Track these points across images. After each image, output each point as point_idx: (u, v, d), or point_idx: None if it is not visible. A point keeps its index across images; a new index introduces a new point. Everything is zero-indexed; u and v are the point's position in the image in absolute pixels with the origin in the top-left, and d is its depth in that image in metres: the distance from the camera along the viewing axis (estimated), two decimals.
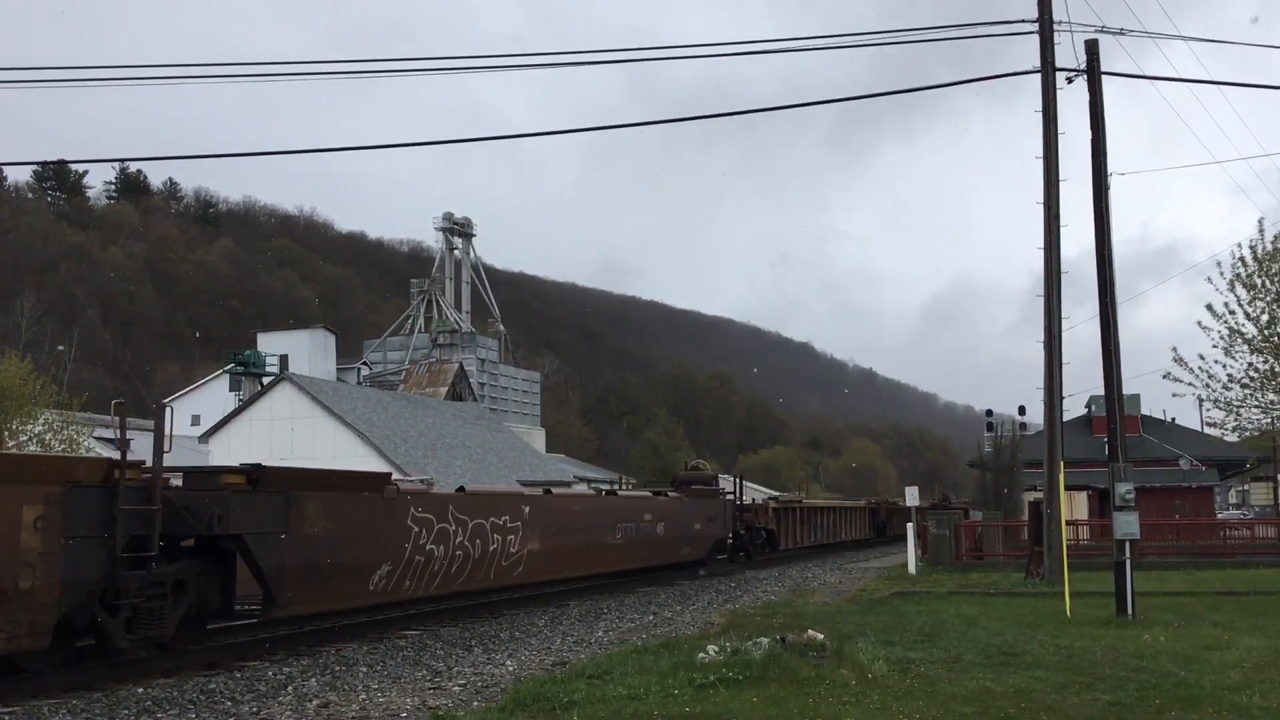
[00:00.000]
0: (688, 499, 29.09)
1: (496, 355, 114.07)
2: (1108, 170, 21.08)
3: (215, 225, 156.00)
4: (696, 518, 28.80)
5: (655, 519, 25.76)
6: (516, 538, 19.46)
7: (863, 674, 11.12)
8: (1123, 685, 10.85)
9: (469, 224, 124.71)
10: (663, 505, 26.94)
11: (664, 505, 27.01)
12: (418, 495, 16.93)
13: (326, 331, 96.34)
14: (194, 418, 79.06)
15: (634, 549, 24.84)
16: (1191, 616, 17.29)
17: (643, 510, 25.38)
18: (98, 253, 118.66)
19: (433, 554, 16.94)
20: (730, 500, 32.13)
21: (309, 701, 10.98)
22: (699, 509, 29.19)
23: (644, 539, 25.17)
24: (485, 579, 18.77)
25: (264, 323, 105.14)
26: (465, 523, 17.88)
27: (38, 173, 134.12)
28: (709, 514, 29.71)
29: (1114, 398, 20.17)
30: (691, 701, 9.95)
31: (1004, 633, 15.17)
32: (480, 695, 11.19)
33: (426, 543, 16.76)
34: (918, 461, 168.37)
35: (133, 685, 11.96)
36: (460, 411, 71.55)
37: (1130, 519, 17.30)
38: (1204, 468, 44.54)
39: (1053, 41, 23.70)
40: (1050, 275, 24.16)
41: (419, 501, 16.75)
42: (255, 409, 55.49)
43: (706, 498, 30.49)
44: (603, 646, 15.01)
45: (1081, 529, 35.01)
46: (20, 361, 37.20)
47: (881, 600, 21.28)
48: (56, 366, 42.80)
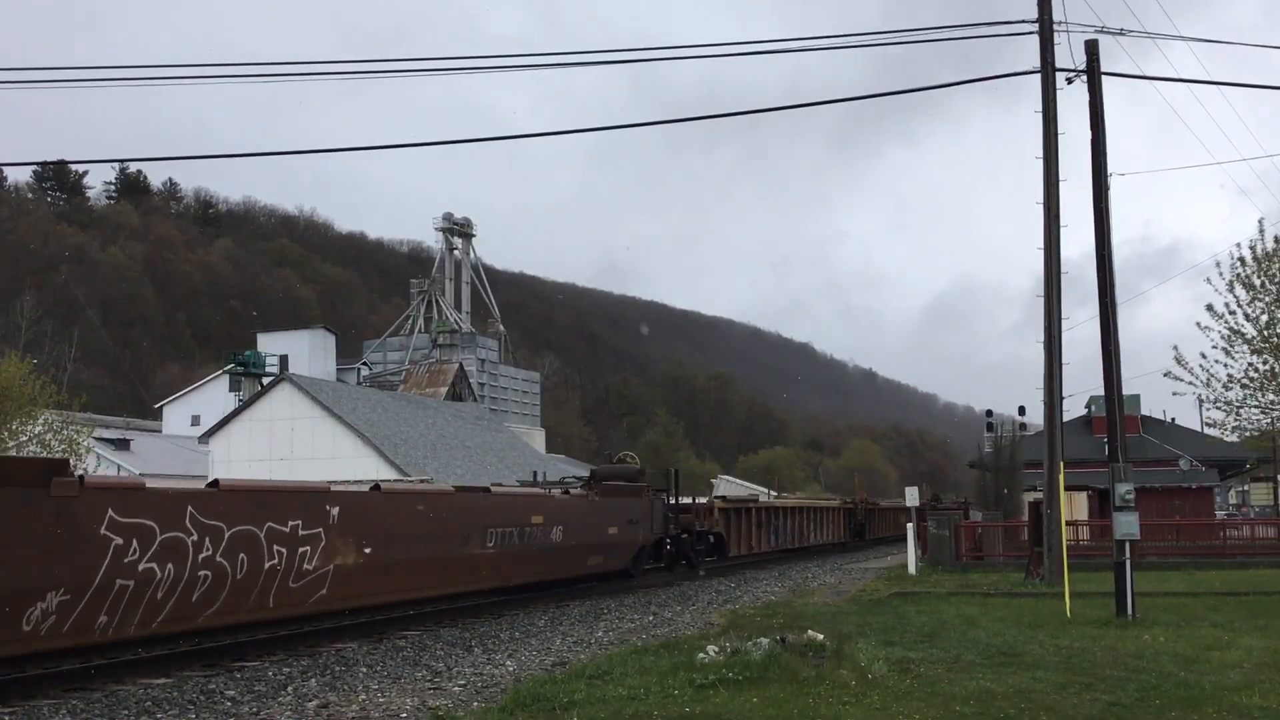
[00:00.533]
0: (597, 497, 23.74)
1: (496, 355, 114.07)
2: (1108, 171, 21.07)
3: (215, 225, 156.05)
4: (612, 520, 24.12)
5: (549, 522, 21.13)
6: (315, 549, 15.11)
7: (863, 674, 11.11)
8: (1123, 686, 10.85)
9: (469, 224, 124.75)
10: (560, 506, 22.08)
11: (562, 506, 22.15)
12: (121, 492, 12.54)
13: (326, 332, 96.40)
14: (194, 418, 79.26)
15: (516, 560, 20.19)
16: (1191, 617, 17.28)
17: (528, 511, 20.62)
18: (97, 253, 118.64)
19: (152, 576, 12.57)
20: (660, 499, 27.71)
21: (309, 701, 10.98)
22: (615, 510, 24.38)
23: (531, 548, 20.52)
24: (259, 607, 14.37)
25: (264, 323, 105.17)
26: (219, 530, 13.56)
27: (37, 173, 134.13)
28: (630, 515, 25.10)
29: (1114, 398, 20.16)
30: (691, 702, 9.95)
31: (1004, 633, 15.17)
32: (480, 695, 11.19)
33: (140, 560, 12.39)
34: (918, 462, 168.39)
35: (132, 685, 11.96)
36: (460, 412, 71.58)
37: (1130, 519, 17.30)
38: (1204, 468, 44.59)
39: (1052, 42, 23.71)
40: (1050, 276, 24.17)
41: (123, 501, 12.33)
42: (255, 409, 55.51)
43: (626, 496, 25.23)
44: (603, 647, 15.01)
45: (1081, 529, 35.01)
46: (20, 362, 37.17)
47: (881, 600, 21.27)
48: (56, 367, 42.79)
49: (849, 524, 46.51)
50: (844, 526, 45.43)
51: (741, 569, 32.13)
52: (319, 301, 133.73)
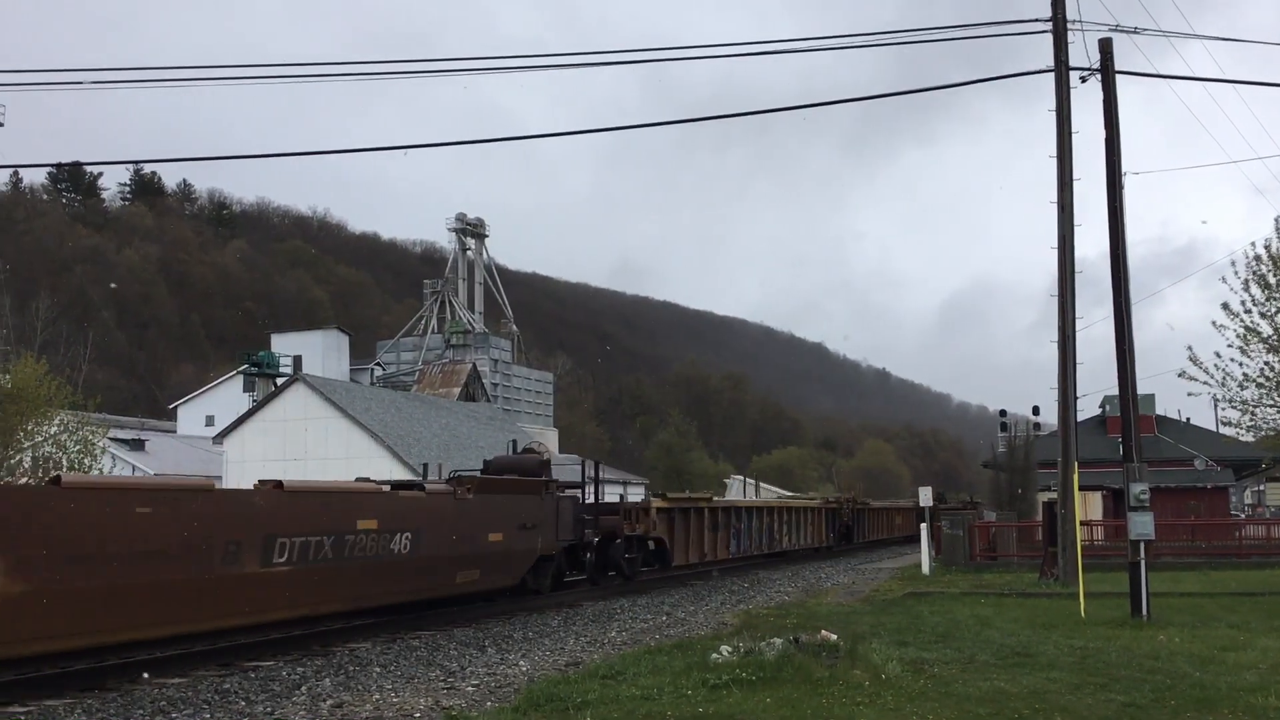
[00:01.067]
0: (469, 495, 18.37)
1: (509, 356, 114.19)
2: (1122, 169, 21.01)
3: (229, 227, 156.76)
4: (494, 524, 18.94)
5: (389, 528, 16.00)
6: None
7: (876, 675, 11.10)
8: (1138, 686, 10.81)
9: (481, 225, 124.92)
10: (405, 507, 16.73)
11: (408, 507, 16.80)
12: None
13: (340, 332, 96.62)
14: (208, 418, 79.57)
15: (329, 581, 15.04)
16: (1207, 617, 17.22)
17: (350, 515, 15.43)
18: (112, 254, 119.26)
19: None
20: (571, 498, 22.83)
21: (323, 701, 11.00)
22: (499, 511, 19.23)
23: (355, 563, 15.36)
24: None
25: (277, 324, 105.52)
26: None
27: (53, 174, 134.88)
28: (523, 518, 19.97)
29: (1128, 397, 20.08)
30: (705, 702, 9.94)
31: (1018, 633, 15.13)
32: (494, 695, 11.21)
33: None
34: (931, 462, 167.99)
35: (148, 685, 12.01)
36: (473, 412, 71.70)
37: (1145, 519, 17.24)
38: (1219, 468, 44.38)
39: (1066, 40, 23.67)
40: (1064, 275, 24.11)
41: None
42: (269, 410, 55.67)
43: (516, 493, 20.19)
44: (616, 647, 15.01)
45: (1096, 529, 34.88)
46: (35, 363, 37.37)
47: (895, 601, 21.24)
48: (71, 368, 43.05)
49: (832, 526, 41.48)
50: (826, 529, 40.41)
51: (754, 569, 32.07)
52: (332, 302, 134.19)
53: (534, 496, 20.75)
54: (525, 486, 20.78)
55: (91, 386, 57.66)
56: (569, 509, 22.22)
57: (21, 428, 35.94)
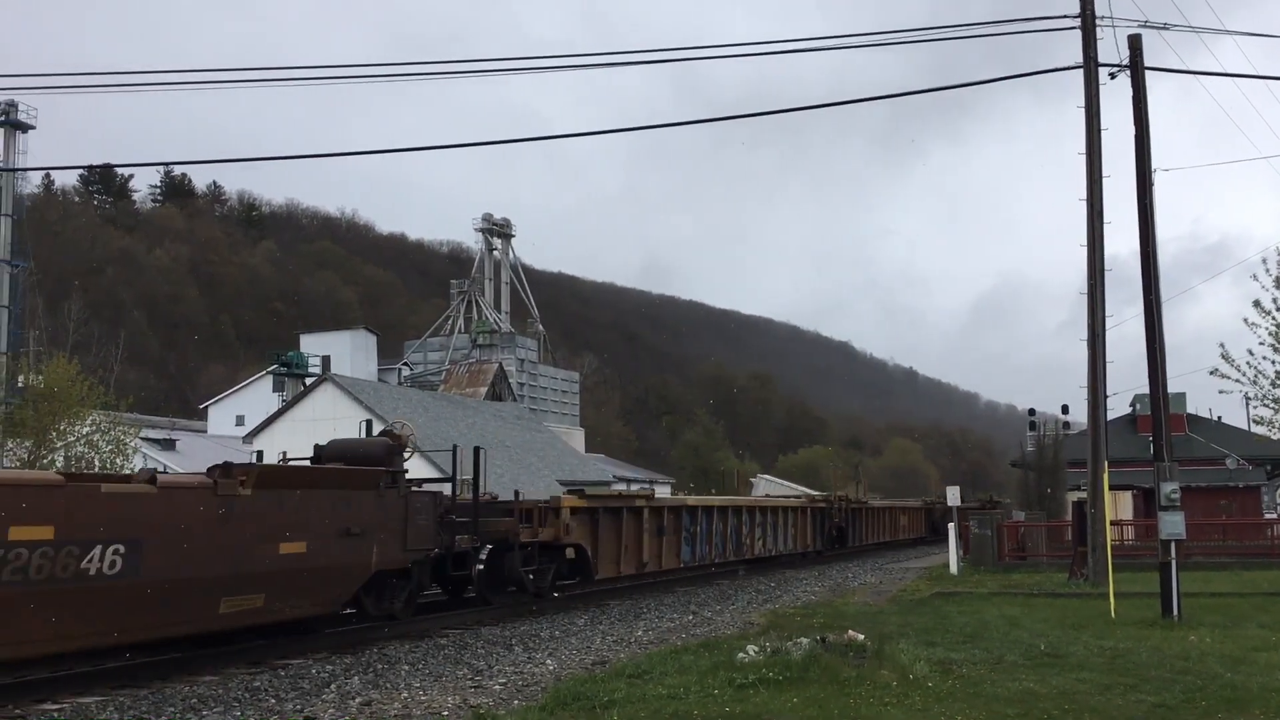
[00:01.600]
0: (245, 491, 13.39)
1: (536, 355, 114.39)
2: (1151, 166, 20.85)
3: (258, 228, 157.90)
4: (293, 530, 14.07)
5: (73, 538, 11.13)
6: None
7: (904, 675, 11.06)
8: (1168, 687, 10.74)
9: (508, 225, 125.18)
10: (110, 507, 11.65)
11: (118, 507, 11.76)
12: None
13: (368, 332, 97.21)
14: (238, 418, 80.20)
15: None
16: (1238, 617, 17.07)
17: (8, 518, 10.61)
18: (143, 256, 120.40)
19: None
20: (430, 495, 17.36)
21: (352, 699, 11.08)
22: (301, 512, 14.26)
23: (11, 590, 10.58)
24: None
25: (306, 324, 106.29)
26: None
27: (84, 176, 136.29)
28: (347, 521, 15.00)
29: (1159, 396, 19.92)
30: (731, 701, 9.94)
31: (1047, 634, 15.04)
32: (521, 694, 11.25)
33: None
34: (959, 461, 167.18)
35: (178, 683, 12.13)
36: (500, 411, 71.92)
37: (1176, 519, 17.11)
38: (1251, 467, 43.96)
39: (1095, 37, 23.55)
40: (1093, 273, 23.98)
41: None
42: (298, 409, 56.08)
43: (334, 488, 15.06)
44: (642, 646, 15.03)
45: (1126, 529, 34.65)
46: (68, 364, 37.78)
47: (923, 601, 21.16)
48: (103, 368, 43.50)
49: (821, 528, 36.04)
50: (812, 532, 35.12)
51: (779, 569, 31.91)
52: (360, 302, 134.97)
53: (366, 493, 15.58)
54: (349, 479, 15.49)
55: (123, 387, 58.20)
56: (427, 509, 16.96)
57: (54, 428, 36.34)
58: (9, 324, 72.46)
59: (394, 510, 16.15)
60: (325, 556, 14.61)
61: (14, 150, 76.66)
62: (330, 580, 14.89)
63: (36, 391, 36.83)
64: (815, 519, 35.68)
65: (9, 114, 75.53)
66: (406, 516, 16.38)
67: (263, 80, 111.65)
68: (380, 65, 73.01)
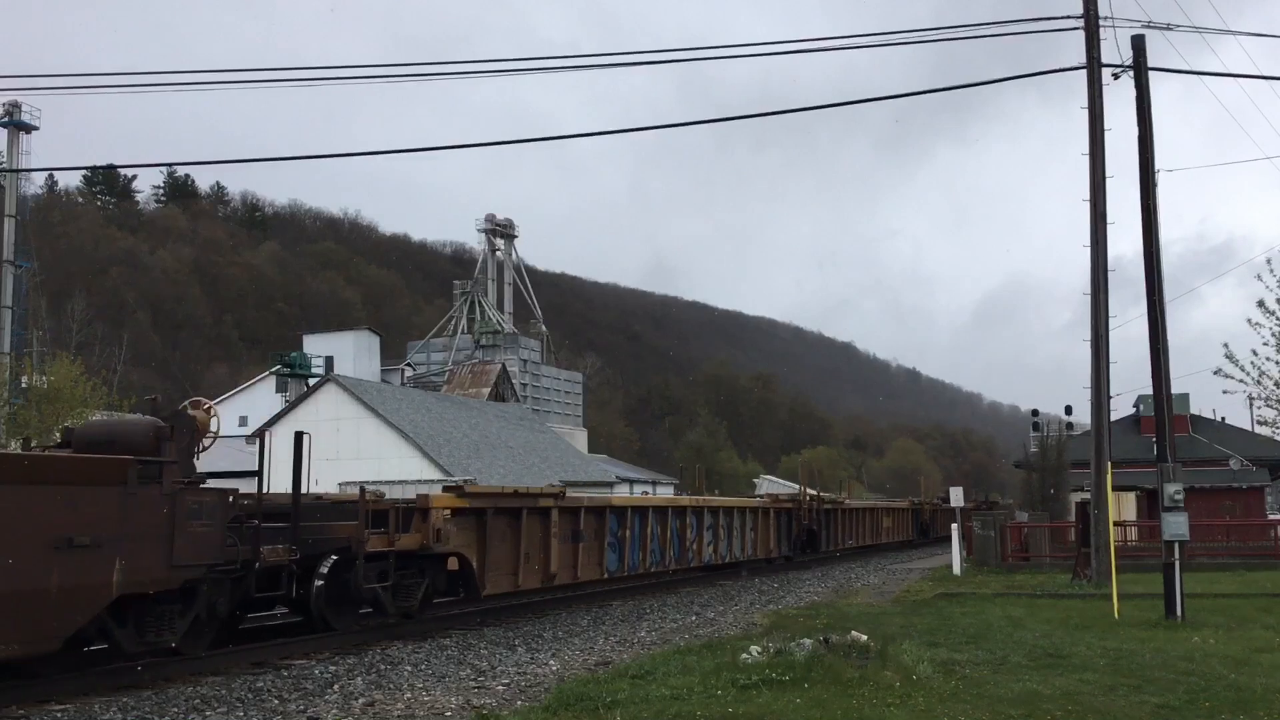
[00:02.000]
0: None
1: (539, 356, 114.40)
2: (1155, 167, 20.83)
3: (261, 229, 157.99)
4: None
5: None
6: None
7: (907, 676, 11.05)
8: (1172, 688, 10.73)
9: (511, 225, 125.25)
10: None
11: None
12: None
13: (371, 333, 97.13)
14: (241, 419, 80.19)
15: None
16: (1242, 619, 17.05)
17: None
18: (146, 256, 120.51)
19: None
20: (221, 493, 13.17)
21: (355, 700, 11.08)
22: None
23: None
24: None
25: (309, 325, 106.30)
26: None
27: (87, 177, 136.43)
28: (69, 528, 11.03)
29: (1163, 397, 19.91)
30: (735, 702, 9.93)
31: (1051, 635, 15.03)
32: (524, 694, 11.25)
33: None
34: (962, 462, 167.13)
35: (182, 684, 12.13)
36: (503, 412, 71.89)
37: (1179, 520, 17.10)
38: (1255, 468, 43.89)
39: (1098, 37, 23.53)
40: (1096, 274, 23.96)
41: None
42: (301, 410, 56.06)
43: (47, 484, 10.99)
44: (645, 646, 15.03)
45: (1130, 530, 34.61)
46: (72, 364, 37.83)
47: (926, 601, 21.15)
48: (107, 369, 43.59)
49: (788, 532, 32.73)
50: (777, 536, 31.83)
51: (784, 570, 31.86)
52: (364, 303, 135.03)
53: (105, 489, 11.61)
54: (75, 471, 11.44)
55: (127, 387, 58.30)
56: (210, 511, 12.88)
57: (58, 427, 36.39)
58: (12, 324, 72.55)
59: (151, 513, 12.08)
60: (26, 578, 10.67)
61: (17, 150, 76.74)
62: (39, 609, 10.80)
63: (40, 392, 36.88)
64: (781, 521, 32.25)
65: (12, 114, 75.60)
66: (174, 521, 12.30)
67: (265, 81, 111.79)
68: (384, 66, 73.00)
